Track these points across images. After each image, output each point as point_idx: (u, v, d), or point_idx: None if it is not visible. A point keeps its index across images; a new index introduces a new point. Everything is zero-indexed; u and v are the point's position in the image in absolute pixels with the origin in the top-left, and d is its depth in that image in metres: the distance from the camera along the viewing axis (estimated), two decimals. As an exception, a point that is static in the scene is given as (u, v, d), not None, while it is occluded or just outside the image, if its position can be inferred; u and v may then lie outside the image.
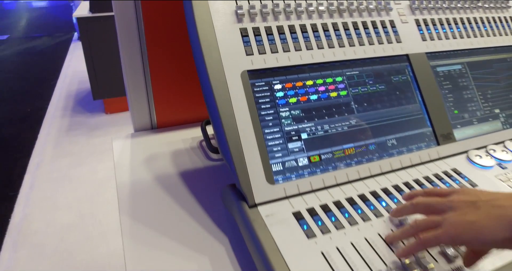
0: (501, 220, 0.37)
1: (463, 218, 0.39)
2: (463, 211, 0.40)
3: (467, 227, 0.39)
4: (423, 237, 0.41)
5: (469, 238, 0.38)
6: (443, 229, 0.40)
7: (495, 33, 0.79)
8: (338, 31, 0.64)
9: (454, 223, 0.40)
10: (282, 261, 0.44)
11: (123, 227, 0.61)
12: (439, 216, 0.42)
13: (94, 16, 2.65)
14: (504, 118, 0.73)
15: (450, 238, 0.39)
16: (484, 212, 0.39)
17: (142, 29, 0.79)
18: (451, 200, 0.43)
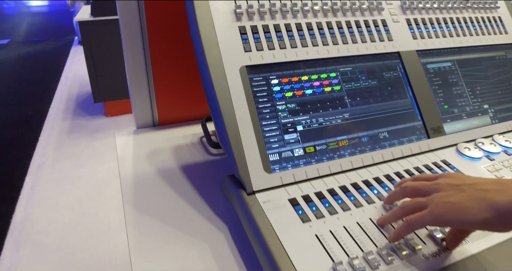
0: (482, 202, 0.40)
1: (447, 199, 0.42)
2: (448, 193, 0.43)
3: (451, 208, 0.41)
4: (410, 218, 0.44)
5: (452, 218, 0.41)
6: (428, 209, 0.43)
7: (484, 32, 0.82)
8: (332, 29, 0.67)
9: (439, 204, 0.42)
10: (279, 242, 0.47)
11: (127, 216, 0.64)
12: (425, 198, 0.44)
13: (95, 20, 2.69)
14: (493, 113, 0.76)
15: (434, 218, 0.42)
16: (467, 194, 0.42)
17: (145, 29, 0.82)
18: (437, 183, 0.46)
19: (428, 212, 0.42)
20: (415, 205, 0.45)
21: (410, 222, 0.44)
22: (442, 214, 0.41)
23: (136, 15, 0.80)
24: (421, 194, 0.46)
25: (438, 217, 0.42)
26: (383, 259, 0.45)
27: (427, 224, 0.44)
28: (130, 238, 0.59)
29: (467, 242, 0.49)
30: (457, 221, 0.41)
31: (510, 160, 0.66)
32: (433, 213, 0.42)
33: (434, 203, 0.43)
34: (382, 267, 0.44)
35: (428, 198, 0.44)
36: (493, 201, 0.39)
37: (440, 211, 0.42)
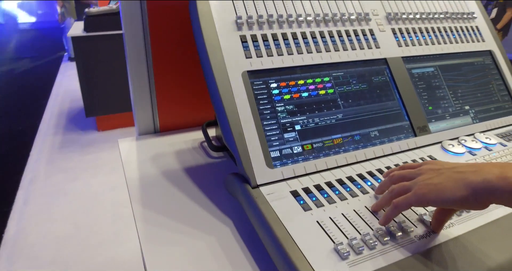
0: (459, 182, 0.45)
1: (429, 181, 0.47)
2: (429, 176, 0.48)
3: (432, 188, 0.46)
4: (395, 201, 0.49)
5: (433, 197, 0.46)
6: (412, 191, 0.48)
7: (463, 40, 0.89)
8: (325, 38, 0.73)
9: (421, 185, 0.47)
10: (284, 229, 0.51)
11: (136, 213, 0.67)
12: (409, 182, 0.50)
13: (88, 35, 2.73)
14: (474, 114, 0.82)
15: (417, 198, 0.47)
16: (446, 176, 0.47)
17: (148, 41, 0.87)
18: (420, 169, 0.51)
19: (412, 194, 0.47)
20: (401, 188, 0.50)
21: (396, 204, 0.49)
22: (424, 194, 0.46)
23: (139, 26, 0.86)
24: (406, 180, 0.51)
25: (421, 197, 0.47)
26: (379, 240, 0.50)
27: (411, 205, 0.48)
28: (141, 233, 0.62)
29: (452, 225, 0.54)
30: (438, 200, 0.46)
31: (490, 154, 0.72)
32: (416, 194, 0.47)
33: (417, 185, 0.48)
34: (378, 247, 0.49)
35: (412, 181, 0.49)
36: (468, 180, 0.44)
37: (422, 192, 0.47)
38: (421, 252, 0.49)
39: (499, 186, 0.42)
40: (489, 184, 0.43)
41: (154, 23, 0.86)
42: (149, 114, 0.96)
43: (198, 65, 0.94)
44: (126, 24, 0.85)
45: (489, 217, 0.56)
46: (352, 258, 0.47)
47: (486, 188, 0.43)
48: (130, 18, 0.85)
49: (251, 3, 0.69)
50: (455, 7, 0.92)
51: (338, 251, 0.47)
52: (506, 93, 0.90)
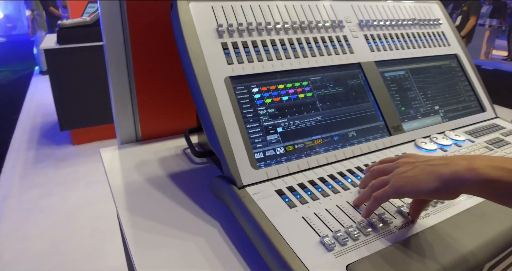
0: (432, 174, 0.48)
1: (405, 174, 0.51)
2: (405, 169, 0.51)
3: (407, 181, 0.49)
4: (375, 194, 0.52)
5: (409, 189, 0.49)
6: (389, 184, 0.51)
7: (431, 45, 0.94)
8: (302, 44, 0.76)
9: (397, 179, 0.51)
10: (271, 225, 0.53)
11: (123, 219, 0.68)
12: (387, 176, 0.53)
13: (61, 48, 2.70)
14: (443, 113, 0.87)
15: (395, 190, 0.50)
16: (420, 169, 0.50)
17: (129, 49, 0.89)
18: (397, 162, 0.54)
19: (389, 186, 0.51)
20: (380, 183, 0.53)
21: (376, 197, 0.52)
22: (401, 187, 0.50)
23: (120, 35, 0.87)
24: (385, 174, 0.55)
25: (398, 189, 0.50)
26: (362, 232, 0.53)
27: (390, 197, 0.51)
28: (129, 238, 0.63)
29: (428, 216, 0.57)
30: (413, 192, 0.49)
31: (460, 150, 0.77)
32: (393, 186, 0.50)
33: (394, 178, 0.51)
34: (361, 238, 0.52)
35: (390, 175, 0.53)
36: (440, 173, 0.47)
37: (399, 184, 0.50)
38: (401, 241, 0.52)
39: (467, 177, 0.45)
40: (458, 176, 0.46)
41: (134, 32, 0.88)
42: (131, 123, 0.97)
43: (179, 73, 0.96)
44: (107, 34, 0.86)
45: (460, 207, 0.60)
46: (337, 249, 0.50)
47: (456, 179, 0.46)
48: (110, 27, 0.86)
49: (231, 12, 0.72)
50: (422, 14, 0.97)
51: (324, 243, 0.50)
52: (472, 93, 0.95)
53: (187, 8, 0.69)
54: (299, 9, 0.79)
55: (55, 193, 2.49)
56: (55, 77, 2.78)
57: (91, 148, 3.15)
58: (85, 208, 2.32)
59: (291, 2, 0.79)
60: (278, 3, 0.78)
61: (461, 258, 0.50)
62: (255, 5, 0.75)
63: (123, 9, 0.86)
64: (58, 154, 3.05)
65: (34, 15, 5.38)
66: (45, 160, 2.95)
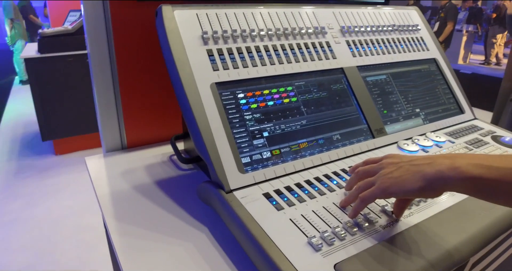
0: (416, 174, 0.49)
1: (390, 175, 0.52)
2: (390, 170, 0.53)
3: (393, 181, 0.51)
4: (362, 195, 0.54)
5: (395, 190, 0.50)
6: (376, 185, 0.52)
7: (410, 50, 0.97)
8: (286, 50, 0.78)
9: (384, 179, 0.52)
10: (260, 228, 0.54)
11: (110, 226, 0.68)
12: (373, 177, 0.54)
13: (43, 57, 2.67)
14: (424, 115, 0.90)
15: (381, 191, 0.51)
16: (405, 169, 0.51)
17: (113, 57, 0.89)
18: (381, 163, 0.56)
19: (376, 187, 0.52)
20: (366, 184, 0.55)
21: (362, 198, 0.53)
22: (388, 187, 0.51)
23: (104, 43, 0.87)
24: (370, 175, 0.56)
25: (384, 190, 0.51)
26: (348, 232, 0.54)
27: (376, 197, 0.53)
28: (117, 245, 0.63)
29: (412, 214, 0.59)
30: (400, 192, 0.50)
31: (441, 151, 0.79)
32: (380, 187, 0.52)
33: (380, 179, 0.53)
34: (348, 237, 0.53)
35: (375, 176, 0.54)
36: (424, 172, 0.49)
37: (385, 185, 0.51)
38: (387, 239, 0.53)
39: (450, 175, 0.47)
40: (441, 174, 0.47)
41: (119, 39, 0.88)
42: (116, 130, 0.97)
43: (165, 80, 0.96)
44: (91, 42, 0.86)
45: (443, 205, 0.62)
46: (325, 249, 0.51)
47: (440, 178, 0.47)
48: (94, 35, 0.86)
49: (216, 19, 0.73)
50: (401, 20, 1.00)
51: (312, 244, 0.51)
52: (451, 96, 0.98)
53: (172, 15, 0.70)
54: (282, 16, 0.81)
55: (38, 204, 2.44)
56: (36, 87, 2.74)
57: (74, 158, 3.11)
58: (69, 218, 2.28)
59: (274, 9, 0.81)
60: (262, 10, 0.79)
61: (446, 253, 0.52)
62: (239, 12, 0.77)
63: (107, 17, 0.86)
64: (41, 165, 3.00)
65: (14, 24, 5.30)
66: (27, 171, 2.89)
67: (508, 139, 0.87)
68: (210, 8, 0.75)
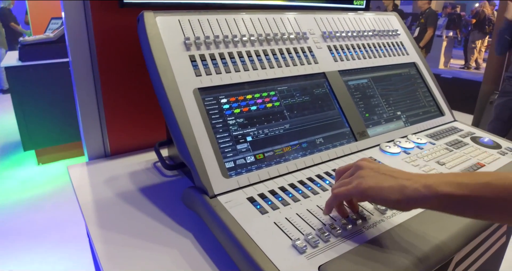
0: (396, 187, 0.50)
1: (369, 179, 0.52)
2: (369, 173, 0.53)
3: (372, 186, 0.51)
4: (336, 191, 0.54)
5: (372, 194, 0.51)
6: (353, 184, 0.53)
7: (390, 54, 0.99)
8: (268, 55, 0.78)
9: (362, 180, 0.52)
10: (244, 232, 0.54)
11: (93, 235, 0.67)
12: (349, 178, 0.54)
13: (24, 65, 2.63)
14: (405, 118, 0.91)
15: (357, 191, 0.52)
16: (384, 178, 0.51)
17: (95, 63, 0.88)
18: (358, 164, 0.56)
19: (353, 186, 0.52)
20: (341, 183, 0.55)
21: (336, 194, 0.54)
22: (366, 190, 0.51)
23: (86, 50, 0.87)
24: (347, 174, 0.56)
25: (362, 191, 0.51)
26: (332, 233, 0.54)
27: (351, 195, 0.53)
28: (100, 254, 0.62)
29: (395, 214, 0.60)
30: (377, 198, 0.51)
31: (422, 152, 0.81)
32: (357, 187, 0.52)
33: (358, 180, 0.52)
34: (332, 239, 0.53)
35: (353, 176, 0.54)
36: (403, 186, 0.49)
37: (363, 187, 0.51)
38: (371, 240, 0.54)
39: (423, 193, 0.48)
40: (417, 192, 0.48)
41: (101, 46, 0.88)
42: (99, 138, 0.96)
43: (147, 87, 0.96)
44: (73, 49, 0.86)
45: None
46: (309, 251, 0.51)
47: (415, 195, 0.48)
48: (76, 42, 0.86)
49: (198, 25, 0.74)
50: (381, 25, 1.02)
51: (296, 246, 0.51)
52: (431, 99, 1.00)
53: (154, 21, 0.70)
54: (264, 22, 0.81)
55: (20, 216, 2.39)
56: (17, 96, 2.70)
57: (58, 167, 3.05)
58: (52, 230, 2.24)
59: (256, 15, 0.81)
60: (244, 16, 0.80)
61: (429, 252, 0.53)
62: (222, 18, 0.77)
63: (89, 24, 0.86)
64: (22, 175, 2.94)
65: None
66: (8, 182, 2.83)
67: (486, 139, 0.89)
68: (193, 14, 0.75)
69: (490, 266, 0.98)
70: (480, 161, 0.80)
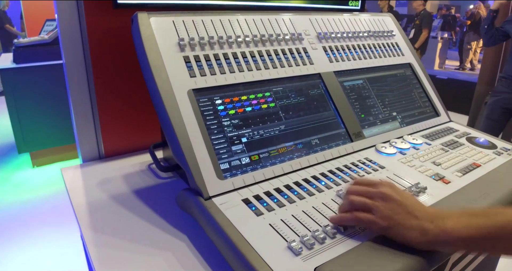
0: (418, 228, 0.51)
1: (393, 216, 0.52)
2: (393, 208, 0.53)
3: (394, 225, 0.52)
4: (359, 215, 0.53)
5: (393, 234, 0.52)
6: (375, 218, 0.52)
7: (386, 55, 0.99)
8: (263, 56, 0.78)
9: (386, 217, 0.52)
10: (239, 234, 0.53)
11: (86, 237, 0.66)
12: (371, 201, 0.54)
13: (18, 67, 2.62)
14: (401, 119, 0.91)
15: (379, 228, 0.53)
16: (407, 218, 0.52)
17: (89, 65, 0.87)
18: (383, 192, 0.54)
19: (377, 223, 0.52)
20: (362, 204, 0.54)
21: (357, 218, 0.54)
22: (388, 227, 0.52)
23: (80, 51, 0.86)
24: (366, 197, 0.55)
25: (383, 228, 0.52)
26: (328, 235, 0.54)
27: (371, 229, 0.54)
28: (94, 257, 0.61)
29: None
30: (398, 238, 0.52)
31: (418, 153, 0.80)
32: (380, 224, 0.52)
33: (381, 214, 0.52)
34: (327, 241, 0.53)
35: (374, 203, 0.53)
36: (425, 230, 0.50)
37: (385, 225, 0.52)
38: (366, 241, 0.53)
39: (444, 239, 0.49)
40: (437, 237, 0.50)
41: (95, 48, 0.87)
42: (93, 140, 0.95)
43: (142, 88, 0.95)
44: (66, 51, 0.85)
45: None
46: (304, 253, 0.50)
47: (436, 240, 0.50)
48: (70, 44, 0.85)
49: (192, 26, 0.73)
50: (376, 26, 1.02)
51: (292, 248, 0.50)
52: (426, 99, 1.00)
53: (148, 22, 0.69)
54: (259, 23, 0.81)
55: (15, 218, 2.37)
56: (11, 98, 2.68)
57: (53, 170, 3.03)
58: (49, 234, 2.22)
59: (251, 16, 0.81)
60: (239, 17, 0.79)
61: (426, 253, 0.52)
62: (216, 19, 0.77)
63: (82, 25, 0.85)
64: (17, 178, 2.92)
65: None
66: (3, 184, 2.81)
67: (482, 139, 0.89)
68: (187, 15, 0.74)
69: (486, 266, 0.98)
70: (476, 161, 0.80)
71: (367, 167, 0.73)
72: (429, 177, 0.72)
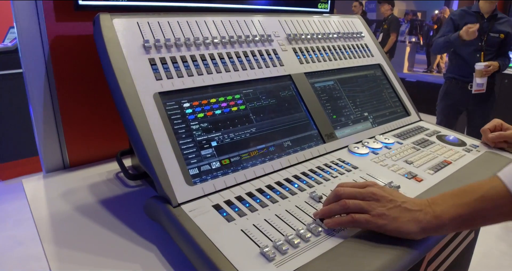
0: (411, 220, 0.52)
1: (388, 212, 0.53)
2: (385, 205, 0.53)
3: (390, 221, 0.53)
4: (356, 216, 0.53)
5: (391, 229, 0.53)
6: (372, 217, 0.53)
7: (356, 56, 0.99)
8: (232, 58, 0.76)
9: (381, 215, 0.53)
10: (209, 241, 0.51)
11: (48, 253, 0.62)
12: (364, 203, 0.54)
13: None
14: (372, 119, 0.91)
15: (377, 227, 0.53)
16: (399, 211, 0.53)
17: (51, 73, 0.83)
18: (372, 191, 0.55)
19: (373, 222, 0.53)
20: (356, 206, 0.54)
21: (354, 220, 0.53)
22: (385, 225, 0.53)
23: (41, 59, 0.82)
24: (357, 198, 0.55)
25: (380, 226, 0.53)
26: (302, 238, 0.52)
27: (368, 228, 0.54)
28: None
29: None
30: (395, 232, 0.53)
31: (390, 152, 0.80)
32: (377, 223, 0.53)
33: (377, 213, 0.53)
34: (302, 244, 0.51)
35: (368, 204, 0.54)
36: (418, 220, 0.52)
37: (382, 222, 0.53)
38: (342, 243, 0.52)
39: (437, 224, 0.52)
40: (430, 225, 0.52)
41: (56, 53, 0.83)
42: (57, 150, 0.90)
43: (107, 94, 0.91)
44: (26, 59, 0.81)
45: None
46: (278, 258, 0.48)
47: (429, 227, 0.52)
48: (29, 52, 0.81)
49: (158, 28, 0.71)
50: (346, 27, 1.02)
51: (264, 254, 0.48)
52: (396, 99, 1.01)
53: (111, 24, 0.67)
54: (227, 24, 0.79)
55: (-22, 236, 2.25)
56: (-26, 109, 2.56)
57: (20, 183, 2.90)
58: (15, 248, 2.11)
59: (219, 17, 0.79)
60: (207, 18, 0.77)
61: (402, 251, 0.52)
62: (183, 20, 0.74)
63: (43, 32, 0.81)
64: (-19, 192, 2.78)
65: None
66: (-35, 201, 2.66)
67: (452, 137, 0.90)
68: (152, 16, 0.72)
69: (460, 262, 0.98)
70: (447, 159, 0.80)
71: (340, 168, 0.72)
72: (402, 176, 0.72)
